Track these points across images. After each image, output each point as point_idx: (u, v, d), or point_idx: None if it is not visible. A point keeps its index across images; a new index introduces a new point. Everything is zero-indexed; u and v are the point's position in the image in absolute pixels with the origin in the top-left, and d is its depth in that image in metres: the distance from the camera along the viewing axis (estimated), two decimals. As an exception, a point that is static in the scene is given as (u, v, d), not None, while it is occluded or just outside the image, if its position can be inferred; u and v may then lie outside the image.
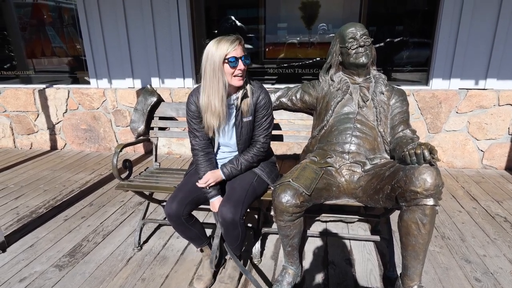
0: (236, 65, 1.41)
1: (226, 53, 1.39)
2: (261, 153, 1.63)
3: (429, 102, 3.11)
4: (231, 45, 1.39)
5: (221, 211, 1.47)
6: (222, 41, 1.41)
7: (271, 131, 1.64)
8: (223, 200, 1.52)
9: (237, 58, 1.41)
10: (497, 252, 1.93)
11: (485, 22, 2.92)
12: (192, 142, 1.62)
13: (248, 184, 1.58)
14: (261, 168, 1.68)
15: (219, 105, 1.46)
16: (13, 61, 4.07)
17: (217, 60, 1.40)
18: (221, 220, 1.49)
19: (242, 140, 1.60)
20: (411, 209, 1.33)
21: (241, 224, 1.49)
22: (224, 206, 1.48)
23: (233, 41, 1.41)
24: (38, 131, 3.95)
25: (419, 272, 1.40)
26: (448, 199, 2.60)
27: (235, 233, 1.51)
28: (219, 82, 1.42)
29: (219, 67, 1.40)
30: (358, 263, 1.84)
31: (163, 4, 3.31)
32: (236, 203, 1.48)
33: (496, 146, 3.14)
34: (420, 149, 1.29)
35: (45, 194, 2.76)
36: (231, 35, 1.44)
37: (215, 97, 1.44)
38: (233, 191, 1.54)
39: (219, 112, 1.47)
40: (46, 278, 1.75)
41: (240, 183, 1.58)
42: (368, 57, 1.68)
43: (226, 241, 1.58)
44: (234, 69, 1.42)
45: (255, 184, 1.61)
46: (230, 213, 1.45)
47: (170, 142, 3.74)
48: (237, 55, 1.41)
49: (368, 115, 1.72)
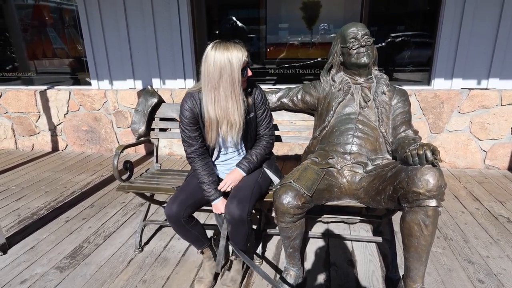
0: (246, 74, 1.43)
1: (243, 65, 1.39)
2: (270, 145, 1.67)
3: (431, 102, 3.10)
4: (245, 56, 1.39)
5: (229, 208, 1.47)
6: (236, 54, 1.36)
7: (273, 124, 1.68)
8: (230, 198, 1.52)
9: (247, 67, 1.43)
10: (501, 253, 1.91)
11: (486, 22, 2.90)
12: (187, 150, 1.57)
13: (254, 182, 1.59)
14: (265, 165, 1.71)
15: (238, 119, 1.45)
16: (15, 62, 4.08)
17: (236, 74, 1.37)
18: (229, 218, 1.48)
19: (251, 137, 1.62)
20: (413, 210, 1.32)
21: (248, 221, 1.49)
22: (231, 204, 1.48)
23: (244, 52, 1.39)
24: (39, 133, 3.96)
25: (421, 273, 1.39)
26: (451, 200, 2.59)
27: (242, 230, 1.51)
28: (239, 95, 1.42)
29: (238, 81, 1.38)
30: (360, 265, 1.83)
31: (163, 5, 3.31)
32: (243, 200, 1.48)
33: (498, 146, 3.12)
34: (422, 149, 1.28)
35: (46, 196, 2.76)
36: (235, 42, 1.41)
37: (235, 111, 1.43)
38: (239, 189, 1.55)
39: (239, 126, 1.47)
40: (47, 280, 1.74)
41: (246, 181, 1.59)
42: (369, 57, 1.67)
43: (232, 240, 1.56)
44: (243, 78, 1.43)
45: (260, 181, 1.63)
46: (238, 210, 1.45)
47: (171, 143, 3.73)
48: (245, 64, 1.42)
49: (370, 116, 1.71)
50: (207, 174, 1.57)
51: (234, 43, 1.40)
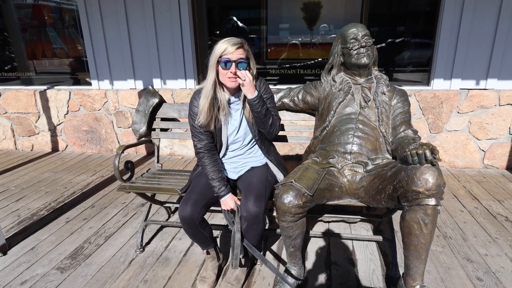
0: (227, 67, 1.43)
1: (221, 54, 1.43)
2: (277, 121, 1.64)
3: (431, 102, 3.11)
4: (230, 47, 1.42)
5: (246, 205, 1.47)
6: (224, 42, 1.44)
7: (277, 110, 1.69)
8: (245, 195, 1.52)
9: (231, 61, 1.42)
10: (499, 252, 1.93)
11: (485, 23, 2.92)
12: (197, 145, 1.61)
13: (265, 178, 1.61)
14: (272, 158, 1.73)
15: (204, 101, 1.50)
16: (14, 62, 4.08)
17: (213, 58, 1.45)
18: (245, 215, 1.48)
19: (257, 131, 1.63)
20: (413, 209, 1.33)
21: (263, 218, 1.50)
22: (248, 201, 1.48)
23: (234, 44, 1.42)
24: (39, 133, 3.96)
25: (421, 271, 1.40)
26: (450, 199, 2.60)
27: (258, 227, 1.51)
28: (209, 78, 1.49)
29: (212, 65, 1.46)
30: (360, 263, 1.84)
31: (165, 5, 3.32)
32: (259, 196, 1.50)
33: (497, 146, 3.14)
34: (421, 149, 1.29)
35: (46, 196, 2.76)
36: (238, 39, 1.46)
37: (204, 92, 1.50)
38: (252, 186, 1.55)
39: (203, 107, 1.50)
40: (47, 281, 1.75)
41: (257, 178, 1.61)
42: (369, 57, 1.69)
43: (247, 238, 1.55)
44: (225, 70, 1.44)
45: (270, 178, 1.65)
46: (255, 207, 1.46)
47: (172, 143, 3.74)
48: (232, 58, 1.42)
49: (370, 116, 1.73)
50: (216, 170, 1.59)
51: (235, 38, 1.46)
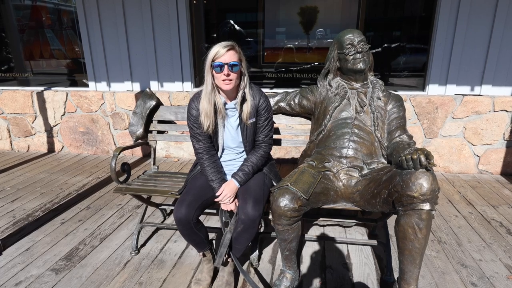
0: (221, 70, 1.45)
1: (213, 58, 1.45)
2: (267, 154, 1.69)
3: (426, 107, 3.14)
4: (221, 50, 1.44)
5: (245, 209, 1.48)
6: (216, 46, 1.47)
7: (273, 133, 1.71)
8: (244, 198, 1.53)
9: (224, 64, 1.44)
10: (493, 257, 1.94)
11: (480, 29, 2.96)
12: (195, 146, 1.63)
13: (262, 183, 1.63)
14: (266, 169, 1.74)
15: (207, 105, 1.52)
16: (11, 63, 4.06)
17: (207, 63, 1.48)
18: (243, 218, 1.49)
19: (249, 141, 1.64)
20: (407, 214, 1.34)
21: (259, 222, 1.52)
22: (247, 204, 1.49)
23: (225, 47, 1.45)
24: (35, 134, 3.94)
25: (416, 276, 1.41)
26: (445, 204, 2.62)
27: (253, 231, 1.53)
28: (207, 83, 1.51)
29: (207, 70, 1.49)
30: (355, 267, 1.85)
31: (162, 8, 3.33)
32: (258, 201, 1.51)
33: (491, 151, 3.17)
34: (416, 154, 1.31)
35: (41, 197, 2.75)
36: (229, 41, 1.48)
37: (205, 97, 1.52)
38: (250, 190, 1.57)
39: (206, 112, 1.52)
40: (42, 282, 1.74)
41: (255, 182, 1.62)
42: (365, 63, 1.71)
43: (237, 240, 1.57)
44: (219, 74, 1.46)
45: (267, 182, 1.67)
46: (254, 211, 1.47)
47: (168, 146, 3.74)
48: (224, 61, 1.44)
49: (366, 120, 1.74)
50: (216, 171, 1.61)
51: (224, 41, 1.47)
